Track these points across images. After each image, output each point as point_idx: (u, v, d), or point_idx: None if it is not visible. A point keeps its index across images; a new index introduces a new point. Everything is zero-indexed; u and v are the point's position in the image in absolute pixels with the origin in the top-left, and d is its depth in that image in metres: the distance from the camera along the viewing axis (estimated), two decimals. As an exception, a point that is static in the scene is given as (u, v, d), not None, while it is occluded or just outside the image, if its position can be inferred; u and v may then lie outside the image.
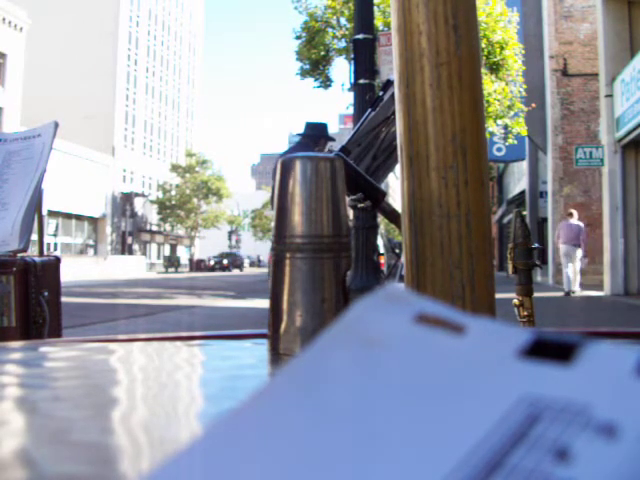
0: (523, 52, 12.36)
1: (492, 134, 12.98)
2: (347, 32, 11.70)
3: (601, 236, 11.64)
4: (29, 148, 1.39)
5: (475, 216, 0.67)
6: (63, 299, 1.39)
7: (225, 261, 50.16)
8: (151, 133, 56.87)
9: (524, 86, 12.67)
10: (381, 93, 1.01)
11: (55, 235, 36.35)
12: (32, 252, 1.40)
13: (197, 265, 49.38)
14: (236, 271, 49.27)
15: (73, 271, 23.26)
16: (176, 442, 0.37)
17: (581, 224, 11.29)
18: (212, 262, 50.27)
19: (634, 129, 10.09)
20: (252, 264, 70.72)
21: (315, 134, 5.54)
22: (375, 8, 8.89)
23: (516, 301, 1.15)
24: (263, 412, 0.22)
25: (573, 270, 11.22)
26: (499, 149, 18.42)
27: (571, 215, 11.38)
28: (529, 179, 19.02)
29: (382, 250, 8.70)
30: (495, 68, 11.72)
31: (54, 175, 30.55)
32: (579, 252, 11.16)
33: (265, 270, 52.42)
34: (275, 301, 0.71)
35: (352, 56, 7.03)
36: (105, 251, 43.55)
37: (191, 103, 66.10)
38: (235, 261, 53.09)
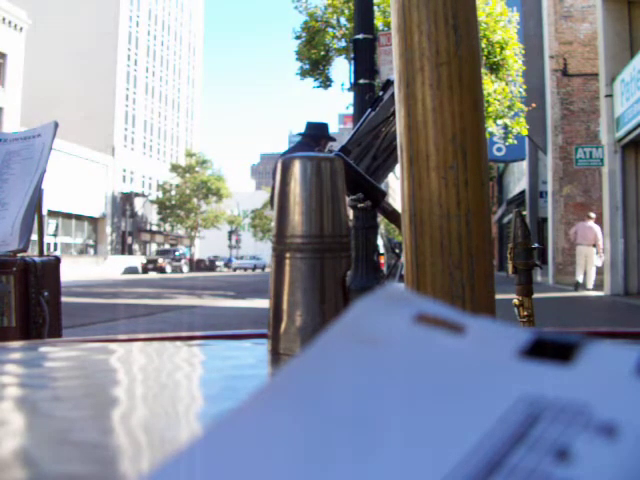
0: (523, 52, 12.36)
1: (492, 134, 12.98)
2: (347, 32, 11.69)
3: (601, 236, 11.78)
4: (29, 148, 1.39)
5: (475, 216, 0.67)
6: (63, 299, 1.39)
7: (161, 260, 38.17)
8: (151, 133, 56.86)
9: (524, 86, 12.67)
10: (381, 93, 1.01)
11: (55, 235, 36.29)
12: (32, 252, 1.40)
13: (197, 265, 49.06)
14: (175, 274, 35.48)
15: (73, 271, 23.25)
16: (176, 442, 0.37)
17: (597, 226, 11.93)
18: (144, 261, 38.08)
19: (634, 129, 10.08)
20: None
21: (316, 134, 5.56)
22: (375, 8, 8.90)
23: (516, 301, 1.15)
24: (263, 412, 0.22)
25: (584, 269, 12.03)
26: (499, 149, 18.41)
27: (589, 217, 12.06)
28: (529, 179, 19.01)
29: (382, 250, 8.69)
30: (495, 68, 11.72)
31: (54, 175, 30.53)
32: (594, 252, 11.86)
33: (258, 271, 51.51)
34: (275, 301, 0.71)
35: (352, 56, 7.02)
36: (105, 251, 43.52)
37: (191, 103, 66.09)
38: (176, 261, 40.43)
